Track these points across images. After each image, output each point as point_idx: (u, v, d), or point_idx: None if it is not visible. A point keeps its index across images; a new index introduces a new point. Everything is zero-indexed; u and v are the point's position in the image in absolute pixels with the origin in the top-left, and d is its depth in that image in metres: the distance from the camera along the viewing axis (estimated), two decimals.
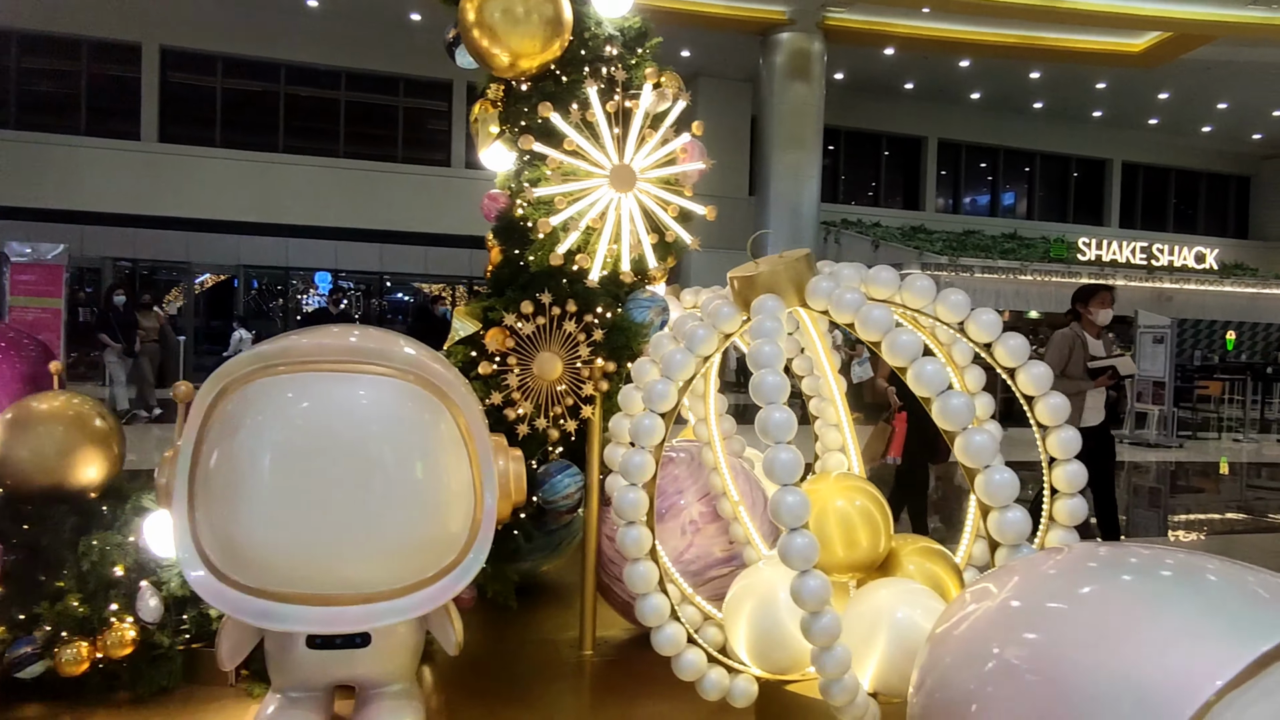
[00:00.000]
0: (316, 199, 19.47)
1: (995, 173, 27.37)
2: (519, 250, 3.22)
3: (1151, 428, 14.03)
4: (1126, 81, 22.06)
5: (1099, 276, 21.45)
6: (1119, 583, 1.58)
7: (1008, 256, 22.19)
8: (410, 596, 2.28)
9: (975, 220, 26.20)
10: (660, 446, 2.34)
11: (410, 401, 2.31)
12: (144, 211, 18.45)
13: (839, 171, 25.69)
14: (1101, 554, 1.69)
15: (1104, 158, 27.58)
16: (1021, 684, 1.53)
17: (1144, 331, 14.29)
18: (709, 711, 2.71)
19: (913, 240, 22.53)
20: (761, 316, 2.20)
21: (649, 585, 2.32)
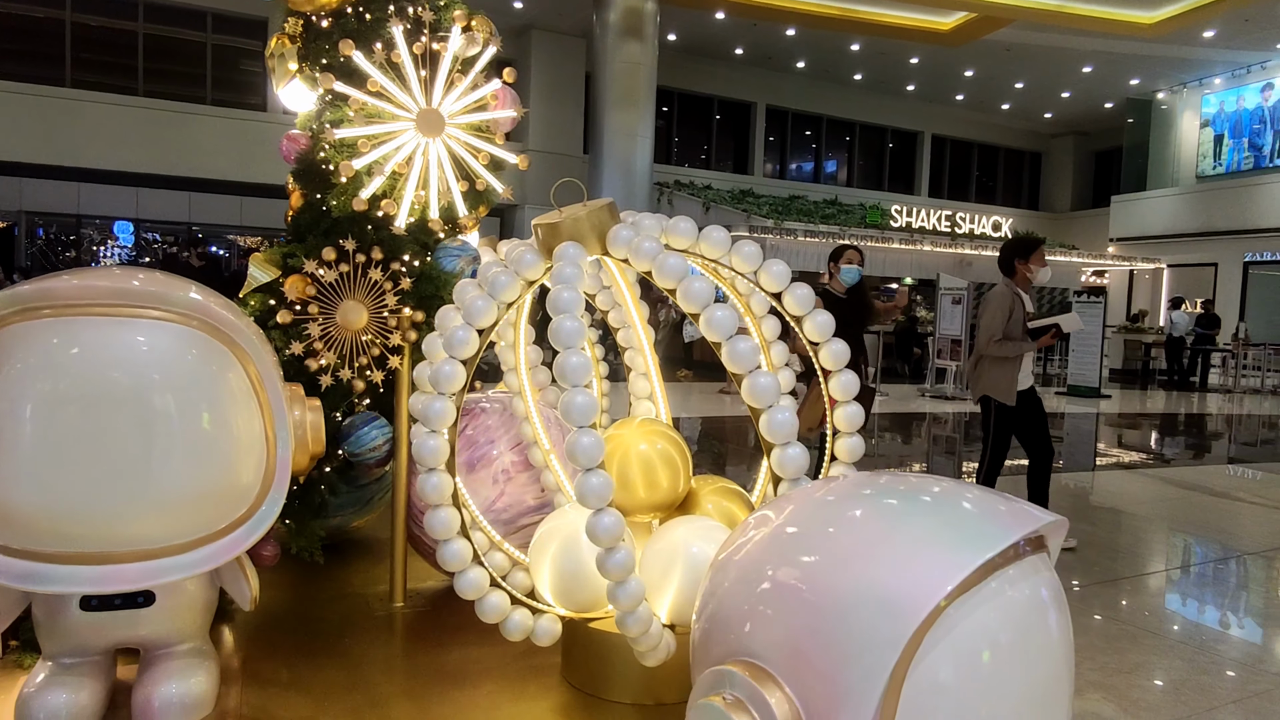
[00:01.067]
0: (112, 140, 17.79)
1: (819, 141, 28.55)
2: (320, 194, 3.09)
3: (950, 382, 15.20)
4: (936, 58, 23.48)
5: (909, 242, 22.90)
6: (875, 506, 1.73)
7: (828, 221, 23.28)
8: (196, 551, 2.19)
9: (800, 186, 27.29)
10: (462, 393, 2.33)
11: (194, 349, 2.20)
12: None
13: (672, 133, 26.03)
14: (866, 483, 1.84)
15: (916, 130, 29.34)
16: (789, 600, 1.65)
17: (944, 293, 15.40)
18: (518, 653, 2.77)
19: (742, 203, 23.21)
20: (562, 263, 2.22)
21: (450, 531, 2.33)
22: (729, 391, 13.45)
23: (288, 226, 3.24)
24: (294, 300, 2.96)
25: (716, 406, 12.10)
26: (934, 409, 13.86)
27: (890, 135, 29.32)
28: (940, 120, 29.35)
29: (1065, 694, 1.67)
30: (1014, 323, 5.34)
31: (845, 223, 23.44)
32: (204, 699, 2.31)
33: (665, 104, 24.16)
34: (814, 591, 1.62)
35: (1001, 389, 5.48)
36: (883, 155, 29.48)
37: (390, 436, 3.12)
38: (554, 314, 2.13)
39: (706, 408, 11.49)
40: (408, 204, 3.01)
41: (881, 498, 1.78)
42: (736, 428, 10.49)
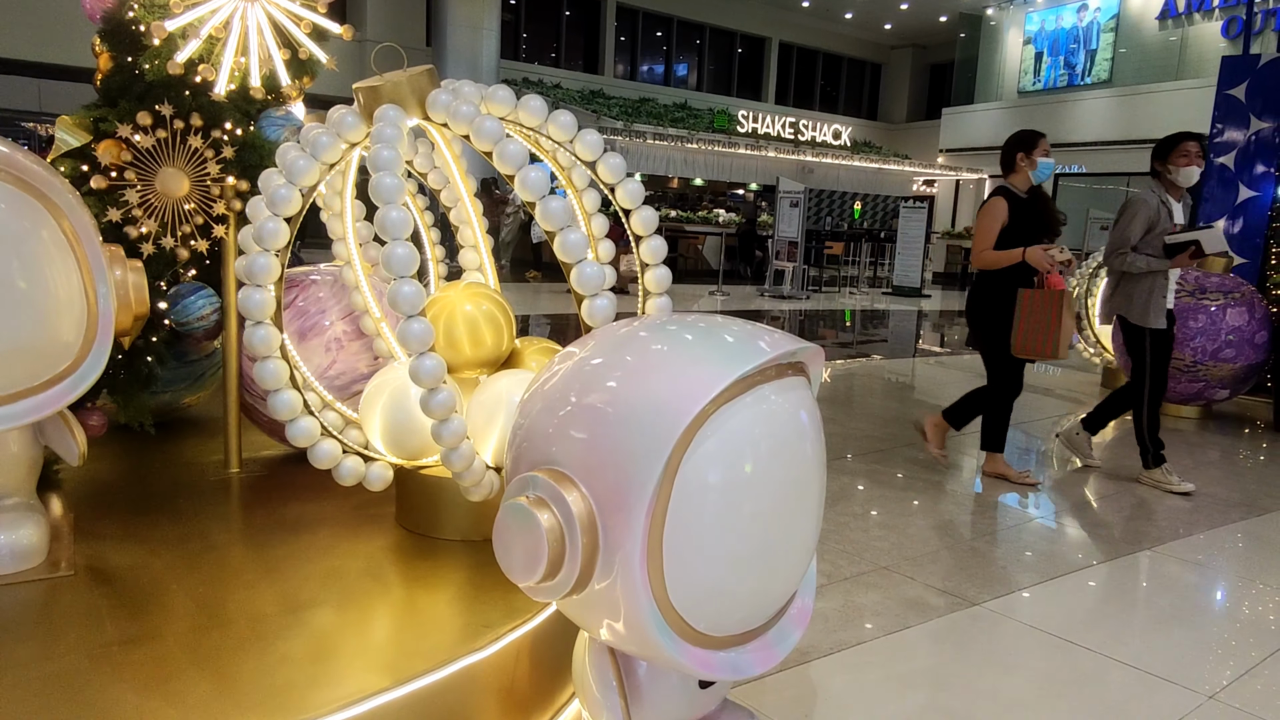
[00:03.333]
0: None
1: (669, 43, 28.46)
2: (132, 57, 3.00)
3: (787, 282, 15.97)
4: None
5: (755, 149, 23.43)
6: (664, 334, 1.98)
7: (678, 125, 23.49)
8: (16, 404, 2.22)
9: (650, 88, 27.26)
10: (286, 250, 2.42)
11: (2, 202, 2.18)
12: None
13: (520, 28, 25.29)
14: (663, 319, 2.09)
15: (764, 36, 29.70)
16: (584, 416, 1.89)
17: (783, 197, 16.01)
18: (354, 505, 2.95)
19: (591, 104, 23.03)
20: (382, 124, 2.32)
21: (280, 382, 2.44)
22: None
23: (97, 89, 3.13)
24: (108, 165, 2.90)
25: (565, 305, 12.30)
26: (771, 307, 14.59)
27: (739, 40, 29.57)
28: (787, 27, 29.80)
29: (816, 497, 2.01)
30: (1154, 236, 4.81)
31: (694, 127, 23.72)
32: (34, 548, 2.37)
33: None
34: (605, 404, 1.86)
35: (1139, 310, 4.92)
36: (732, 60, 29.75)
37: (218, 306, 3.15)
38: (373, 171, 2.24)
39: (555, 307, 11.67)
40: (226, 70, 2.97)
41: (669, 328, 2.03)
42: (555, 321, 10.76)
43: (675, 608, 1.82)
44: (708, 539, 1.80)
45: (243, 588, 2.35)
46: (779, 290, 15.93)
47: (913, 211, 17.58)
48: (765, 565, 1.91)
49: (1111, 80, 24.31)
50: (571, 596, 1.84)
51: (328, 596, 2.34)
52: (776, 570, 1.96)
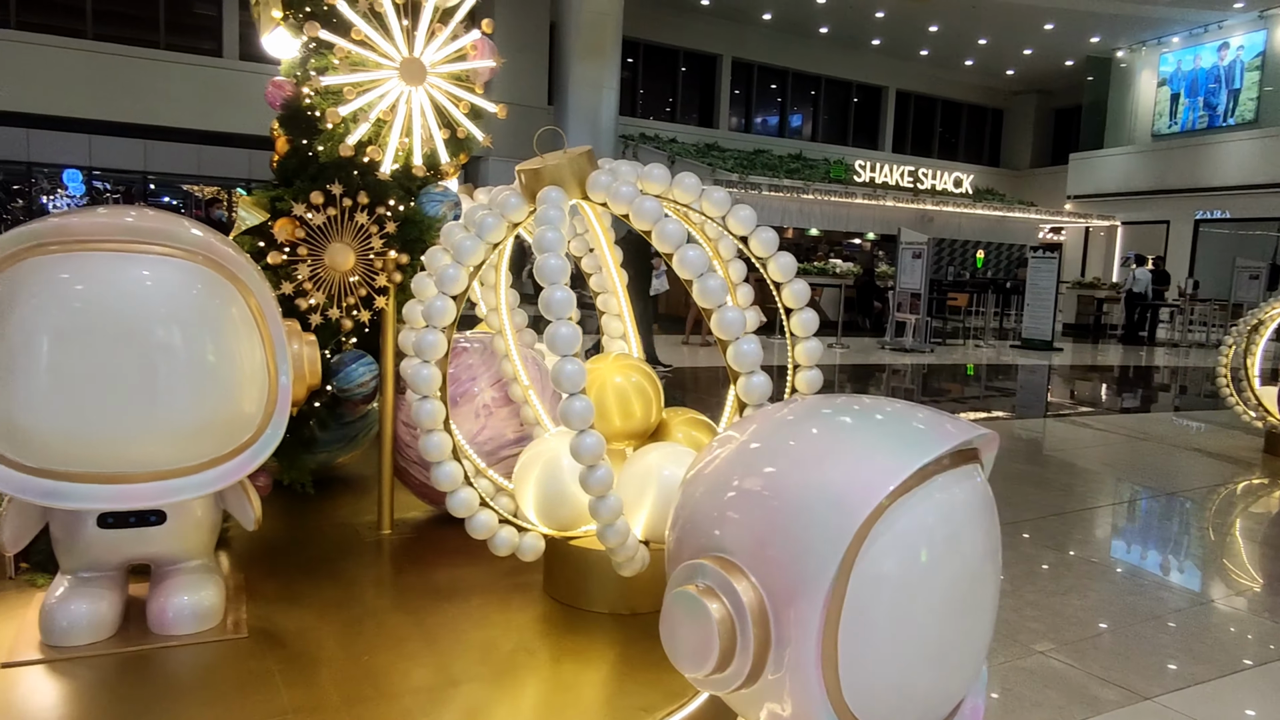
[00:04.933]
0: (61, 85, 17.35)
1: (784, 94, 28.60)
2: (307, 140, 3.21)
3: (909, 335, 15.59)
4: (902, 12, 23.57)
5: (872, 198, 23.22)
6: (832, 420, 1.94)
7: (793, 176, 23.48)
8: (204, 473, 2.35)
9: (765, 140, 27.38)
10: (452, 327, 2.50)
11: (199, 283, 2.34)
12: None
13: (637, 85, 25.91)
14: (825, 403, 2.05)
15: (881, 85, 29.49)
16: (752, 504, 1.87)
17: (905, 248, 15.70)
18: (503, 572, 2.99)
19: (706, 157, 23.28)
20: (545, 206, 2.39)
21: (443, 453, 2.51)
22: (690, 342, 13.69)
23: (274, 171, 3.35)
24: (283, 242, 3.09)
25: (678, 356, 12.34)
26: (893, 360, 14.24)
27: (855, 90, 29.44)
28: (905, 76, 29.51)
29: (992, 591, 1.92)
30: None
31: (809, 177, 23.64)
32: (213, 609, 2.50)
33: (631, 55, 24.00)
34: (775, 493, 1.83)
35: None
36: (847, 110, 29.61)
37: (377, 373, 3.28)
38: (539, 253, 2.30)
39: (670, 357, 11.71)
40: (392, 150, 3.13)
41: (835, 414, 1.99)
42: (695, 374, 10.75)
43: (848, 705, 1.76)
44: (884, 635, 1.74)
45: (404, 658, 2.40)
46: (900, 343, 15.55)
47: (1042, 261, 16.93)
48: (941, 663, 1.83)
49: (1258, 120, 22.99)
50: (741, 690, 1.79)
51: (483, 671, 2.37)
52: (952, 668, 1.87)
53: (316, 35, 2.98)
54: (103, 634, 2.39)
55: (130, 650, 2.38)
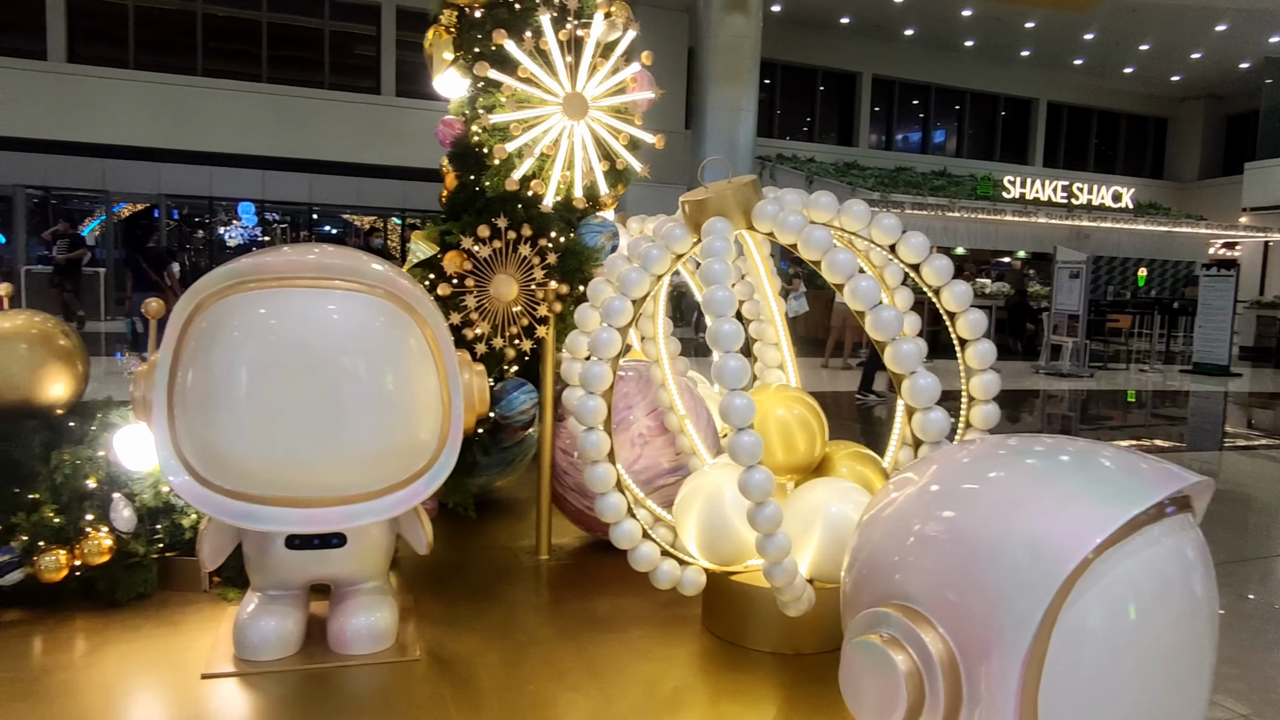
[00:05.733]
0: (241, 126, 18.82)
1: (927, 110, 27.80)
2: (474, 176, 3.32)
3: (1065, 359, 14.75)
4: (1054, 21, 22.52)
5: (1022, 214, 22.21)
6: (1020, 464, 1.83)
7: (937, 193, 22.74)
8: (384, 499, 2.44)
9: (907, 157, 26.68)
10: (618, 359, 2.52)
11: (380, 315, 2.44)
12: (55, 136, 17.61)
13: (775, 106, 25.78)
14: (1007, 443, 1.94)
15: (1030, 97, 28.23)
16: (935, 551, 1.77)
17: (1061, 267, 14.91)
18: (660, 603, 2.96)
19: (846, 176, 22.88)
20: (711, 237, 2.37)
21: (607, 485, 2.52)
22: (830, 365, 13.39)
23: (443, 206, 3.49)
24: (452, 274, 3.20)
25: (817, 381, 12.11)
26: (1049, 386, 13.50)
27: (1003, 103, 28.30)
28: (1057, 86, 28.13)
29: (1209, 650, 1.75)
30: None
31: (955, 194, 22.85)
32: (388, 631, 2.59)
33: (768, 76, 23.90)
34: (965, 540, 1.73)
35: None
36: (994, 124, 28.49)
37: (537, 400, 3.35)
38: (706, 284, 2.28)
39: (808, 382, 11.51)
40: (555, 184, 3.20)
41: (1024, 456, 1.87)
42: (838, 400, 10.49)
43: None
44: (1089, 697, 1.61)
45: (568, 688, 2.41)
46: (1057, 367, 14.72)
47: (1217, 279, 15.67)
48: None
49: None
50: None
51: (647, 706, 2.34)
52: None
53: (485, 75, 3.08)
54: (289, 650, 2.52)
55: (313, 667, 2.48)
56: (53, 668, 2.50)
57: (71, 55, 18.27)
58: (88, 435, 2.86)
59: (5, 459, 2.74)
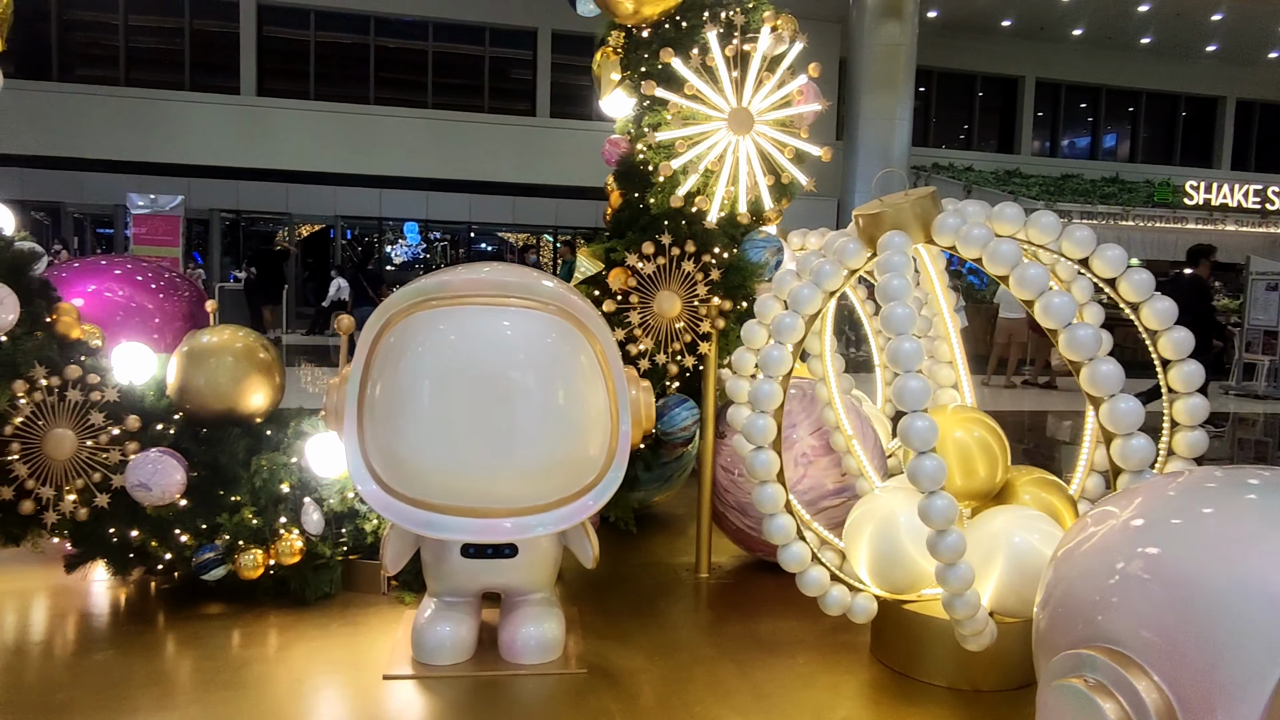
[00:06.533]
0: (407, 150, 19.88)
1: (1096, 113, 26.20)
2: (639, 193, 3.36)
3: (1260, 379, 13.48)
4: (1245, 13, 20.75)
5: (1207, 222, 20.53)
6: (1239, 498, 1.65)
7: (1108, 201, 21.36)
8: (555, 511, 2.48)
9: (1074, 164, 25.22)
10: (788, 376, 2.47)
11: (553, 332, 2.49)
12: (245, 164, 19.16)
13: (929, 114, 24.95)
14: (1220, 475, 1.76)
15: (1217, 95, 26.09)
16: (1146, 592, 1.62)
17: (1256, 279, 13.65)
18: (825, 628, 2.88)
19: (1007, 185, 21.85)
20: (889, 252, 2.29)
21: (776, 506, 2.47)
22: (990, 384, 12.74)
23: (608, 223, 3.54)
24: (617, 291, 3.24)
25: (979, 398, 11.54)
26: (1240, 409, 12.36)
27: (1184, 103, 26.30)
28: (1247, 83, 25.88)
29: None
30: None
31: (1129, 202, 21.38)
32: (556, 642, 2.62)
33: (922, 84, 23.15)
34: (1181, 582, 1.58)
35: None
36: (1174, 126, 26.51)
37: (698, 417, 3.33)
38: (884, 302, 2.20)
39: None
40: (719, 199, 3.19)
41: (1242, 490, 1.70)
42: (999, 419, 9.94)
43: None
44: None
45: (734, 711, 2.37)
46: (1250, 388, 13.45)
47: None
48: None
49: None
50: None
51: None
52: None
53: (652, 93, 3.11)
54: (463, 655, 2.60)
55: (485, 674, 2.55)
56: (250, 660, 2.68)
57: (260, 89, 19.87)
58: (283, 442, 3.06)
59: (212, 463, 2.97)
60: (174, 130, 18.44)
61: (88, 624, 2.94)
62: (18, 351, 2.79)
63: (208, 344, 3.03)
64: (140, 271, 3.91)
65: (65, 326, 2.94)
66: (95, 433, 2.86)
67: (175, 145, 18.40)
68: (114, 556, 2.96)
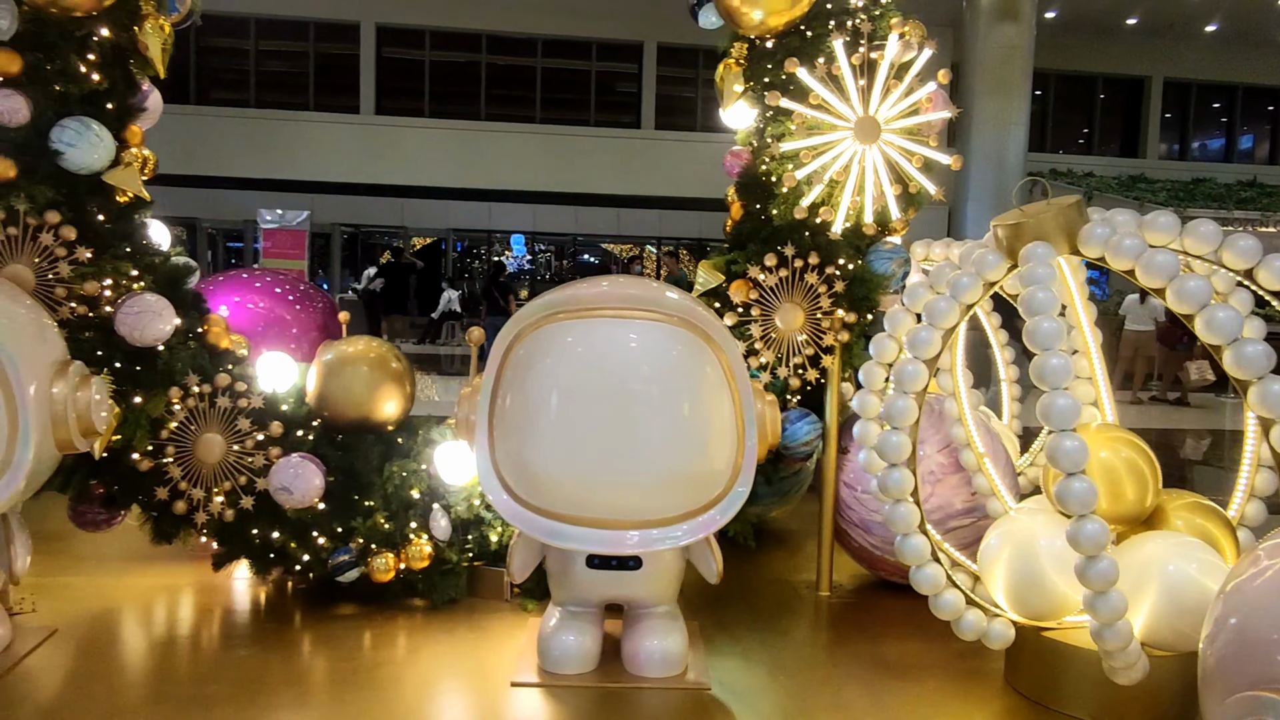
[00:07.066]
0: (515, 164, 20.30)
1: (1231, 113, 24.68)
2: (760, 205, 3.33)
3: None
4: None
5: None
6: None
7: (1245, 206, 20.06)
8: (680, 525, 2.47)
9: (1206, 167, 23.80)
10: (923, 393, 2.39)
11: (678, 344, 2.48)
12: (363, 179, 19.94)
13: (1047, 118, 23.99)
14: None
15: None
16: None
17: None
18: (955, 652, 2.77)
19: (1132, 191, 20.81)
20: (1033, 263, 2.20)
21: (910, 526, 2.40)
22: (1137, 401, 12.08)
23: (728, 235, 3.53)
24: (738, 303, 3.22)
25: None
26: None
27: None
28: None
29: None
30: None
31: (1269, 207, 20.04)
32: (679, 656, 2.61)
33: (1039, 87, 22.28)
34: None
35: None
36: None
37: (820, 432, 3.27)
38: (1028, 316, 2.11)
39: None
40: (844, 209, 3.14)
41: None
42: None
43: None
44: None
45: None
46: None
47: None
48: None
49: None
50: None
51: None
52: None
53: (777, 104, 3.08)
54: (588, 666, 2.61)
55: (610, 686, 2.56)
56: (381, 662, 2.76)
57: (378, 108, 20.66)
58: (413, 450, 3.16)
59: (348, 469, 3.08)
60: (299, 149, 19.34)
61: (231, 620, 3.09)
62: (174, 360, 2.96)
63: (345, 354, 3.15)
64: (279, 284, 4.11)
65: (215, 337, 3.11)
66: (242, 438, 3.00)
67: (300, 163, 19.30)
68: (256, 556, 3.10)
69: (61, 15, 2.80)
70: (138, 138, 3.09)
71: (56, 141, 2.79)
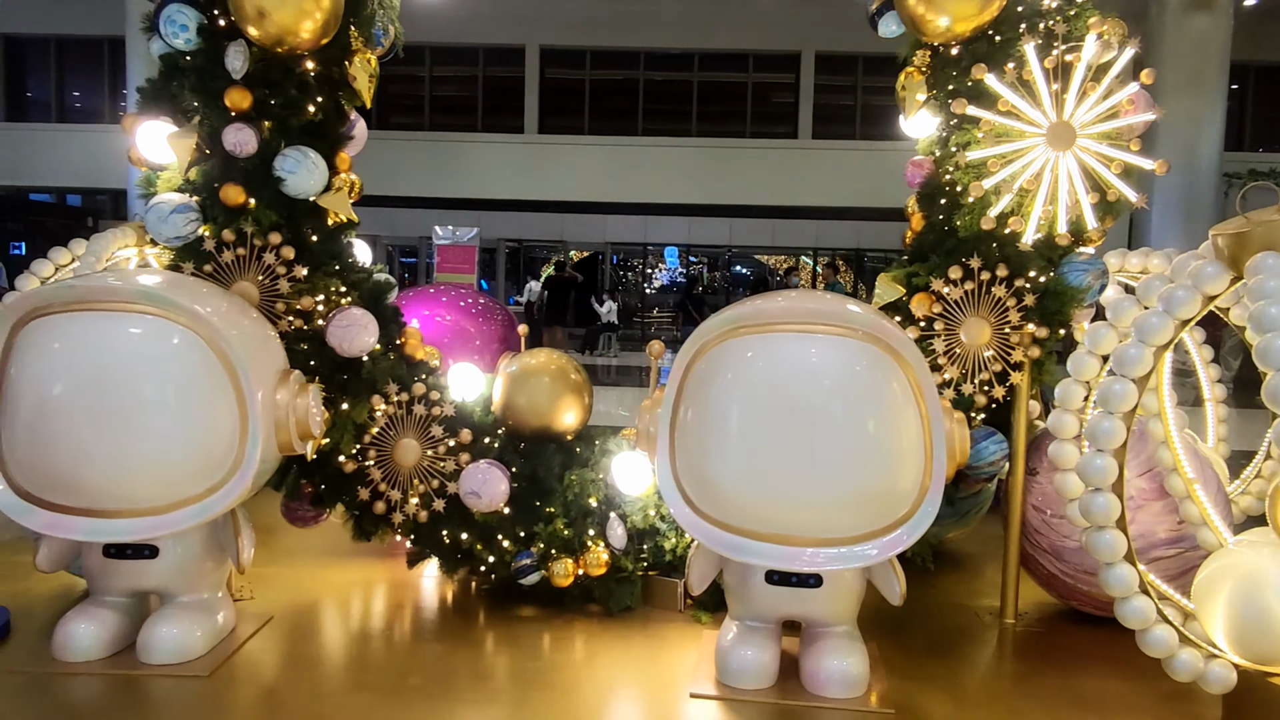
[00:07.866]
0: (671, 177, 20.54)
1: None
2: (944, 215, 3.22)
3: None
4: None
5: None
6: None
7: None
8: (863, 545, 2.43)
9: None
10: (1132, 414, 2.25)
11: (863, 359, 2.45)
12: (527, 196, 20.71)
13: (1245, 114, 22.05)
14: None
15: None
16: None
17: None
18: (1161, 693, 2.58)
19: None
20: (1264, 276, 2.03)
21: (1116, 555, 2.25)
22: None
23: (908, 248, 3.44)
24: (920, 317, 3.13)
25: None
26: None
27: None
28: None
29: None
30: None
31: None
32: (861, 678, 2.56)
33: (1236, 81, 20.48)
34: None
35: None
36: None
37: (1007, 452, 3.13)
38: (1260, 332, 1.95)
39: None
40: (1035, 219, 2.99)
41: None
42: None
43: None
44: None
45: None
46: None
47: None
48: None
49: None
50: None
51: None
52: None
53: (963, 111, 2.98)
54: (765, 682, 2.60)
55: (789, 703, 2.54)
56: (560, 664, 2.85)
57: (541, 127, 21.42)
58: (591, 459, 3.25)
59: (531, 475, 3.20)
60: (468, 168, 20.30)
61: (421, 616, 3.28)
62: (376, 370, 3.17)
63: (528, 366, 3.29)
64: (463, 298, 4.34)
65: (411, 348, 3.31)
66: (435, 444, 3.18)
67: (469, 181, 20.26)
68: (446, 556, 3.27)
69: (286, 54, 3.07)
70: (346, 164, 3.33)
71: (279, 169, 3.05)
